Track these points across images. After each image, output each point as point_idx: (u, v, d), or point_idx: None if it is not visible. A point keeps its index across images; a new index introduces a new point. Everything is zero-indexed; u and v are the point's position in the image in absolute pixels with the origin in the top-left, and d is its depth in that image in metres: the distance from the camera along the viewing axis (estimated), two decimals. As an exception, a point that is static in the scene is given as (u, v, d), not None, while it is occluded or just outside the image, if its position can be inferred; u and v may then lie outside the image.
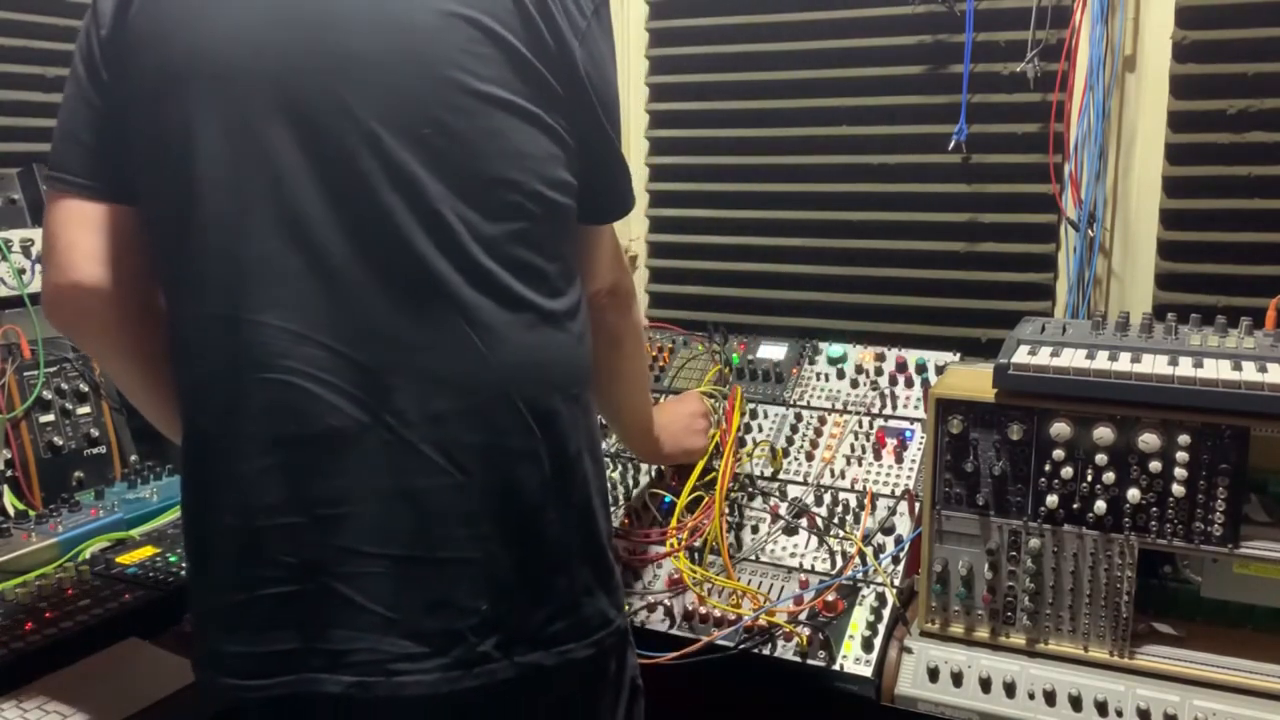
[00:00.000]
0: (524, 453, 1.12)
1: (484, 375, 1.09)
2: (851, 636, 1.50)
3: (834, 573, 1.61)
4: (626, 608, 1.32)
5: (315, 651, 1.10)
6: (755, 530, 1.71)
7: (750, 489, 1.77)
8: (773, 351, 1.98)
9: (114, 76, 1.13)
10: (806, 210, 2.15)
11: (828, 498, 1.71)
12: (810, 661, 1.48)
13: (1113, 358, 1.41)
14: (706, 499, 1.73)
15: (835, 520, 1.68)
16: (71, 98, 1.17)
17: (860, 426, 1.80)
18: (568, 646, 1.16)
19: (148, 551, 1.66)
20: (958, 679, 1.44)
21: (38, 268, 1.91)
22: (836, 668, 1.47)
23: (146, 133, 1.12)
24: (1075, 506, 1.42)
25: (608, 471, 1.82)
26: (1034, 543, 1.45)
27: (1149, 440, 1.37)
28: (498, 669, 1.11)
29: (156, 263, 1.17)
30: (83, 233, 1.17)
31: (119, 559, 1.63)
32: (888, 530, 1.65)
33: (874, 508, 1.68)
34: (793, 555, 1.66)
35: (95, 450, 1.96)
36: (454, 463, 1.09)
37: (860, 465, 1.75)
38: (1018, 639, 1.48)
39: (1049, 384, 1.41)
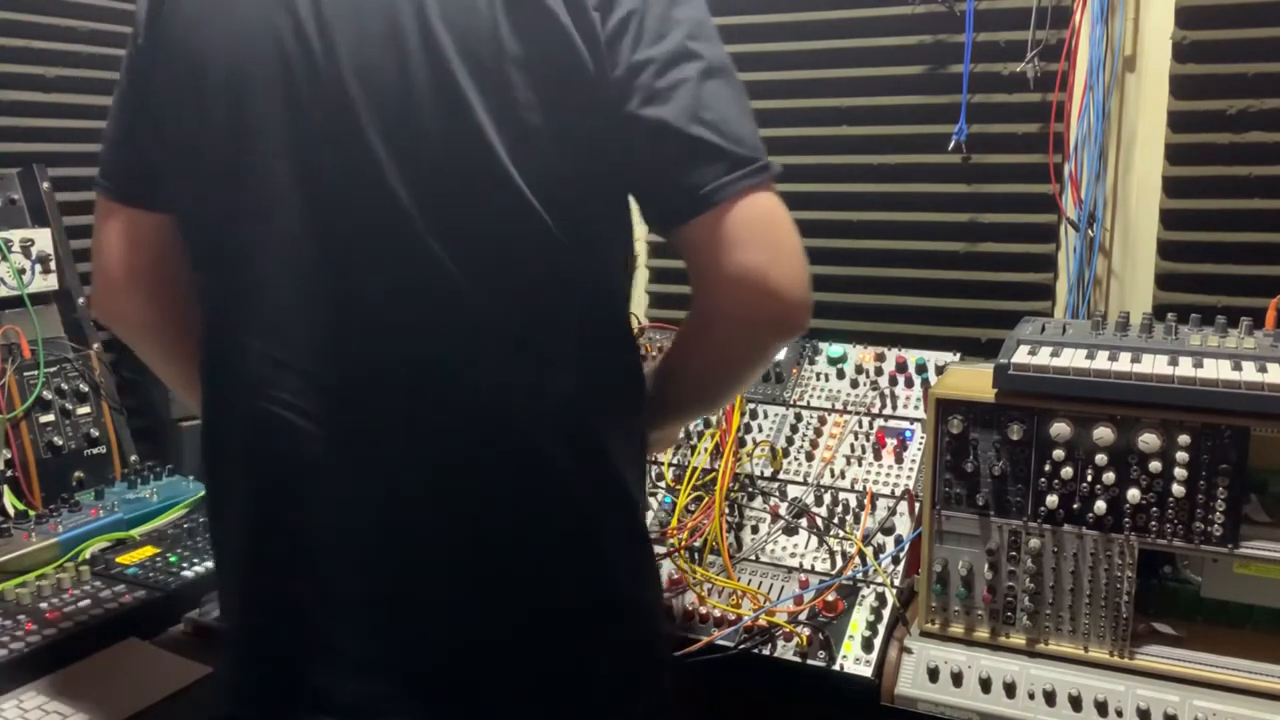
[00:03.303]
0: (526, 495, 1.06)
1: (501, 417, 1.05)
2: (851, 636, 1.50)
3: (834, 573, 1.61)
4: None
5: (302, 689, 1.06)
6: (755, 530, 1.71)
7: (750, 489, 1.76)
8: (773, 351, 1.98)
9: (149, 84, 1.13)
10: (806, 210, 2.15)
11: (828, 498, 1.71)
12: (810, 661, 1.48)
13: (1113, 358, 1.41)
14: (706, 499, 1.73)
15: (835, 520, 1.68)
16: (114, 103, 1.18)
17: (860, 426, 1.80)
18: (565, 704, 1.09)
19: (148, 551, 1.66)
20: (958, 679, 1.44)
21: (38, 268, 1.92)
22: (836, 668, 1.47)
23: (174, 140, 1.11)
24: (1075, 506, 1.42)
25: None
26: (1034, 543, 1.45)
27: (1149, 440, 1.37)
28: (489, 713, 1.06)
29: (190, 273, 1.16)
30: (117, 236, 1.19)
31: (119, 559, 1.63)
32: (888, 530, 1.65)
33: (874, 508, 1.68)
34: (793, 555, 1.66)
35: (95, 450, 1.96)
36: (446, 499, 1.05)
37: (860, 465, 1.75)
38: (1018, 639, 1.48)
39: (1049, 384, 1.41)
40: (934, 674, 1.46)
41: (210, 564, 1.60)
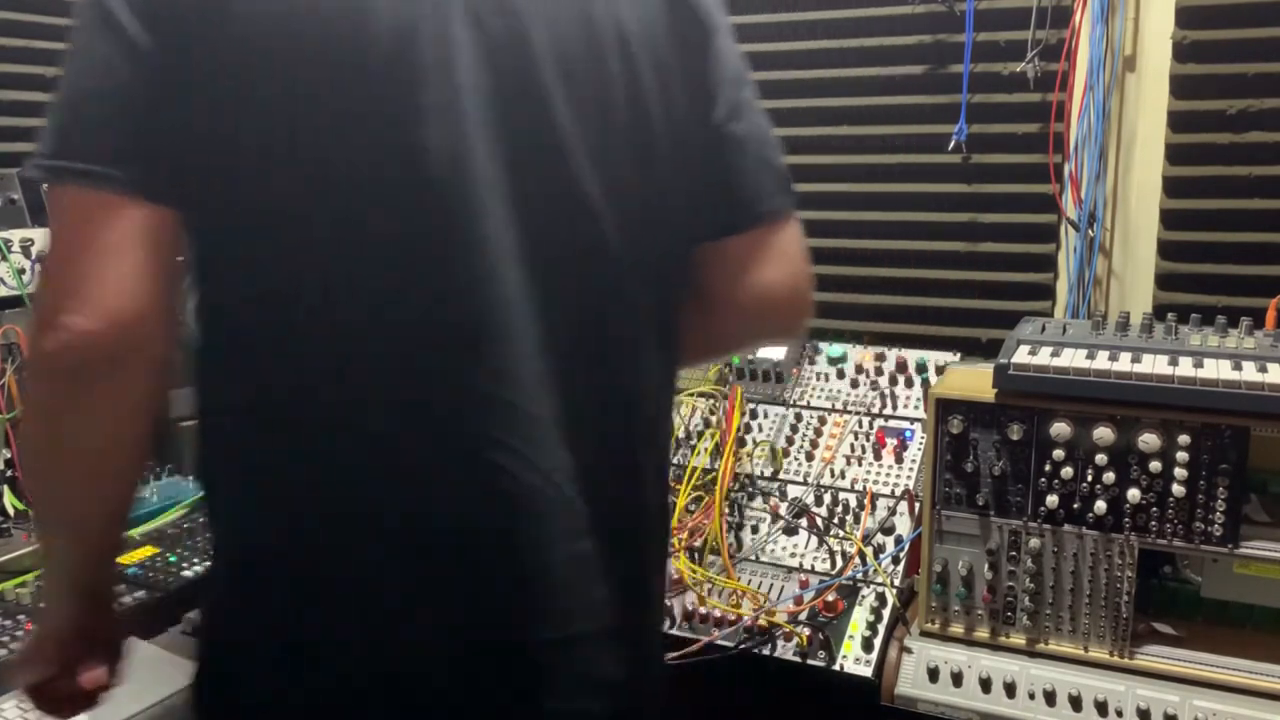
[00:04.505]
0: None
1: None
2: (851, 636, 1.50)
3: (834, 573, 1.61)
4: None
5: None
6: (755, 530, 1.71)
7: (750, 489, 1.76)
8: (773, 351, 1.98)
9: (189, 54, 0.85)
10: (807, 210, 2.10)
11: (828, 498, 1.71)
12: (810, 661, 1.48)
13: (1113, 358, 1.41)
14: (706, 499, 1.73)
15: (835, 520, 1.68)
16: (106, 79, 0.85)
17: (860, 426, 1.80)
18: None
19: (148, 551, 1.66)
20: (958, 679, 1.44)
21: (38, 268, 1.92)
22: (836, 668, 1.47)
23: (251, 120, 0.86)
24: (1075, 506, 1.42)
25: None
26: (1034, 543, 1.45)
27: (1149, 440, 1.37)
28: None
29: None
30: (132, 244, 0.88)
31: (119, 559, 1.63)
32: (888, 530, 1.65)
33: (874, 508, 1.68)
34: (793, 555, 1.66)
35: (95, 450, 1.95)
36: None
37: (860, 465, 1.75)
38: (1018, 639, 1.48)
39: (1049, 384, 1.41)
40: (934, 674, 1.46)
41: (209, 564, 1.60)
